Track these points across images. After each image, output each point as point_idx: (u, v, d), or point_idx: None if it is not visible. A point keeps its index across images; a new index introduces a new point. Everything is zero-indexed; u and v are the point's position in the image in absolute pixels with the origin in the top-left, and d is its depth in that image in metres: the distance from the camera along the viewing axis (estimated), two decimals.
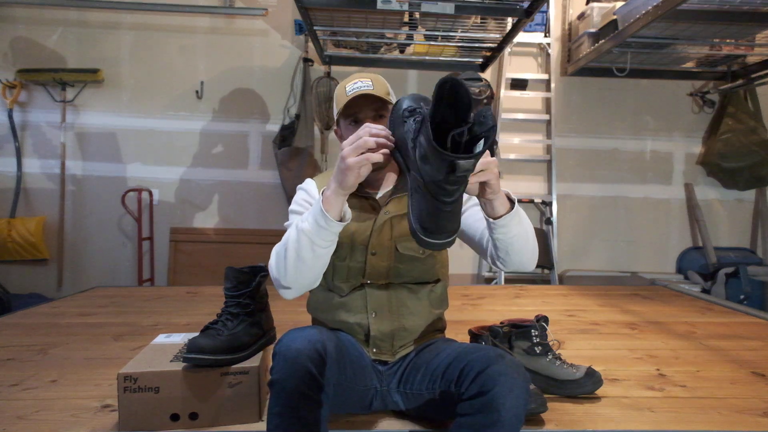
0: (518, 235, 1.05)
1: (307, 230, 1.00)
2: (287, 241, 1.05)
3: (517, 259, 1.09)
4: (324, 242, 1.01)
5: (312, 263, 1.03)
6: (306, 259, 1.02)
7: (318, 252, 1.02)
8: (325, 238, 1.01)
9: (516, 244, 1.06)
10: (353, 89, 1.13)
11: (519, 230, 1.05)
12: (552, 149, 3.66)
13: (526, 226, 1.08)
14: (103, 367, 1.52)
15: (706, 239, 3.59)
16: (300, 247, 1.01)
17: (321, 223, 0.99)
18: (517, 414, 0.88)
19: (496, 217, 1.02)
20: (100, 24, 3.53)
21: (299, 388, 0.89)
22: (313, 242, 1.00)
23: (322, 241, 1.01)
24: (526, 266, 1.12)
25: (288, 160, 3.41)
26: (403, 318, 1.17)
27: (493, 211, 1.02)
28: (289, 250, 1.03)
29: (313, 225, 1.00)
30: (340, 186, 0.97)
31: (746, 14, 2.63)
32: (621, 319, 2.15)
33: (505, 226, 1.02)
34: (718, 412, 1.24)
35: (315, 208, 1.00)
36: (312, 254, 1.02)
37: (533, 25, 3.62)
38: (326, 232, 1.00)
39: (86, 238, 3.56)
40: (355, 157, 0.93)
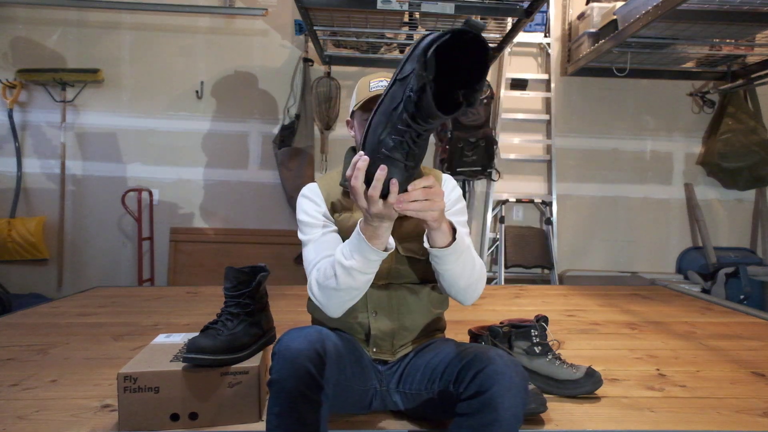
0: (451, 270, 1.04)
1: (358, 266, 0.99)
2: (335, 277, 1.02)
3: (447, 289, 1.11)
4: (374, 269, 1.02)
5: (363, 288, 1.05)
6: (361, 287, 1.04)
7: (370, 278, 1.04)
8: (375, 267, 1.02)
9: (447, 277, 1.06)
10: (378, 87, 1.12)
11: (453, 267, 1.04)
12: (552, 149, 3.66)
13: (466, 266, 1.06)
14: (103, 367, 1.52)
15: (706, 239, 3.59)
16: (354, 281, 1.02)
17: (372, 258, 0.98)
18: (516, 413, 0.88)
19: (432, 246, 1.02)
20: (100, 24, 3.53)
21: (298, 388, 0.89)
22: (365, 273, 1.01)
23: (372, 269, 1.02)
24: (456, 298, 1.13)
25: (288, 160, 3.41)
26: (404, 317, 1.17)
27: (431, 239, 1.02)
28: (341, 285, 1.02)
29: (362, 261, 0.99)
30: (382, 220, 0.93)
31: (746, 14, 2.63)
32: (621, 319, 2.15)
33: (438, 257, 1.03)
34: (718, 412, 1.24)
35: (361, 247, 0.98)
36: (365, 282, 1.04)
37: (533, 25, 3.63)
38: (377, 263, 1.01)
39: (86, 238, 3.56)
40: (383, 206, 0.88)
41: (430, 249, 1.02)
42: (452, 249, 1.01)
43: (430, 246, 1.02)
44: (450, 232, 1.01)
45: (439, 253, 1.01)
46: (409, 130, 0.83)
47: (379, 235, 0.96)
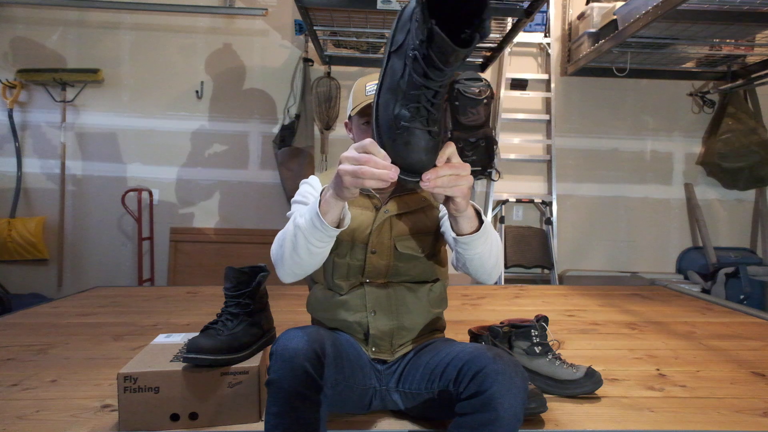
0: (480, 254, 1.04)
1: (304, 228, 1.00)
2: (286, 232, 1.05)
3: (474, 273, 1.10)
4: (319, 243, 1.01)
5: (308, 259, 1.04)
6: (302, 255, 1.02)
7: (313, 250, 1.02)
8: (320, 239, 1.00)
9: (476, 261, 1.05)
10: (373, 89, 1.11)
11: (482, 250, 1.03)
12: (552, 149, 3.66)
13: (492, 246, 1.06)
14: (103, 367, 1.52)
15: (706, 239, 3.59)
16: (296, 243, 1.01)
17: (317, 225, 0.98)
18: (516, 413, 0.88)
19: (460, 234, 1.01)
20: (100, 24, 3.53)
21: (296, 387, 0.89)
22: (309, 241, 1.00)
23: (318, 241, 1.01)
24: (481, 280, 1.12)
25: (288, 160, 3.41)
26: (403, 317, 1.17)
27: (457, 228, 1.00)
28: (287, 243, 1.03)
29: (309, 224, 0.99)
30: (339, 196, 0.94)
31: (746, 14, 2.63)
32: (621, 319, 2.15)
33: (467, 244, 1.01)
34: (718, 412, 1.24)
35: (312, 208, 0.99)
36: (307, 252, 1.02)
37: (533, 25, 3.63)
38: (321, 234, 0.99)
39: (86, 238, 3.56)
40: (351, 179, 0.87)
41: (457, 237, 1.00)
42: (481, 232, 1.00)
43: (456, 234, 1.00)
44: (476, 217, 1.00)
45: (468, 239, 1.00)
46: (423, 91, 0.79)
47: (327, 201, 0.96)
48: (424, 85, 0.78)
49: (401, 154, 0.83)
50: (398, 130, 0.81)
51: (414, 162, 0.83)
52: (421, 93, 0.79)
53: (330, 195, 0.96)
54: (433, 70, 0.76)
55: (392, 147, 0.83)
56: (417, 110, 0.80)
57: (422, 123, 0.81)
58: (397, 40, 0.81)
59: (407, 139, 0.81)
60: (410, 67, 0.78)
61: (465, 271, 1.11)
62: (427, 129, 0.82)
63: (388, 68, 0.84)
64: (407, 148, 0.82)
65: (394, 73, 0.82)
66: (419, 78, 0.78)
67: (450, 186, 0.87)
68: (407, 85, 0.79)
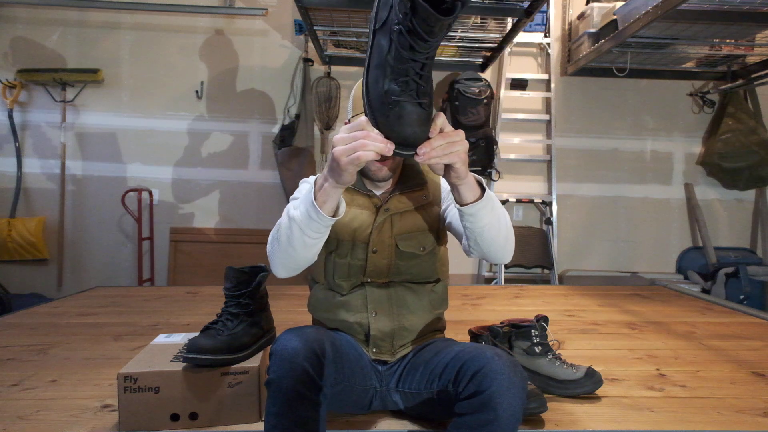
0: (488, 225, 1.02)
1: (298, 220, 0.99)
2: (280, 226, 1.04)
3: (486, 250, 1.07)
4: (315, 233, 1.00)
5: (302, 252, 1.03)
6: (296, 247, 1.02)
7: (308, 242, 1.01)
8: (316, 230, 0.99)
9: (486, 234, 1.03)
10: None
11: (489, 220, 1.01)
12: (552, 149, 3.66)
13: (500, 217, 1.04)
14: (103, 367, 1.52)
15: (706, 239, 3.59)
16: (291, 235, 1.01)
17: (312, 216, 0.97)
18: (515, 412, 0.88)
19: (464, 204, 0.99)
20: (100, 24, 3.53)
21: (296, 387, 0.89)
22: (304, 233, 0.99)
23: (313, 232, 1.00)
24: (496, 258, 1.09)
25: (288, 160, 3.41)
26: (403, 317, 1.17)
27: (460, 198, 0.99)
28: (281, 236, 1.03)
29: (304, 216, 0.98)
30: (336, 182, 0.93)
31: (746, 14, 2.63)
32: (621, 319, 2.15)
33: (472, 215, 1.00)
34: (718, 412, 1.24)
35: (307, 199, 0.98)
36: (302, 243, 1.01)
37: (533, 25, 3.63)
38: (317, 225, 0.98)
39: (86, 238, 3.56)
40: (347, 158, 0.87)
41: (462, 209, 0.99)
42: (485, 200, 0.99)
43: (460, 206, 0.99)
44: (476, 187, 0.99)
45: (472, 209, 0.99)
46: (411, 63, 0.80)
47: (323, 191, 0.95)
48: (411, 58, 0.80)
49: (395, 129, 0.84)
50: (389, 105, 0.83)
51: (408, 135, 0.84)
52: (409, 66, 0.81)
53: (328, 184, 0.95)
54: (418, 41, 0.78)
55: (385, 122, 0.84)
56: (406, 84, 0.82)
57: (412, 96, 0.83)
58: (381, 17, 0.82)
59: (399, 113, 0.83)
60: (396, 42, 0.79)
61: (478, 253, 1.08)
62: (417, 101, 0.83)
63: (374, 46, 0.85)
64: (400, 121, 0.83)
65: (381, 49, 0.82)
66: (406, 51, 0.79)
67: (446, 154, 0.87)
68: (394, 59, 0.81)
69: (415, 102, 0.83)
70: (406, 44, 0.78)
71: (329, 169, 0.92)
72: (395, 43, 0.79)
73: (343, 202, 1.01)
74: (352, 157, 0.86)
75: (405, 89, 0.82)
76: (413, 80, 0.82)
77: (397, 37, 0.79)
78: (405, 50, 0.79)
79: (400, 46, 0.79)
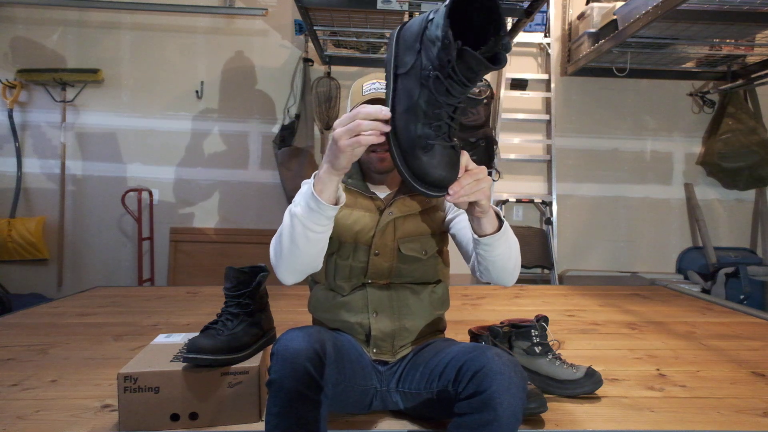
0: (502, 254, 1.05)
1: (300, 214, 0.98)
2: (282, 228, 1.04)
3: (496, 276, 1.10)
4: (317, 227, 0.99)
5: (306, 249, 1.01)
6: (300, 244, 1.00)
7: (312, 237, 1.00)
8: (318, 222, 0.98)
9: (498, 262, 1.06)
10: (370, 90, 1.11)
11: (503, 250, 1.05)
12: (552, 149, 3.66)
13: (512, 245, 1.08)
14: (103, 367, 1.52)
15: (706, 239, 3.59)
16: (294, 233, 0.99)
17: (312, 206, 0.96)
18: (515, 412, 0.88)
19: (482, 235, 1.01)
20: (100, 24, 3.53)
21: (297, 387, 0.89)
22: (306, 227, 0.98)
23: (315, 225, 0.98)
24: (503, 282, 1.13)
25: (288, 160, 3.41)
26: (404, 318, 1.17)
27: (480, 229, 1.01)
28: (284, 235, 1.02)
29: (305, 208, 0.97)
30: (333, 167, 0.93)
31: (746, 14, 2.63)
32: (621, 319, 2.15)
33: (489, 245, 1.02)
34: (718, 412, 1.24)
35: (306, 191, 0.98)
36: (305, 239, 0.99)
37: (533, 25, 3.62)
38: (319, 216, 0.97)
39: (86, 238, 3.56)
40: (347, 140, 0.87)
41: (480, 239, 1.01)
42: (503, 231, 1.01)
43: (478, 236, 1.01)
44: (496, 216, 1.02)
45: (490, 240, 1.01)
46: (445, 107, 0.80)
47: (321, 179, 0.95)
48: (446, 102, 0.80)
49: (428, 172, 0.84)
50: (423, 148, 0.83)
51: (442, 178, 0.85)
52: (443, 110, 0.81)
53: (324, 171, 0.95)
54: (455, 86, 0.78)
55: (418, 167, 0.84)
56: (439, 128, 0.82)
57: (444, 138, 0.83)
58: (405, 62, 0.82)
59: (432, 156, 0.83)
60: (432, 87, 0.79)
61: (486, 277, 1.11)
62: (450, 144, 0.84)
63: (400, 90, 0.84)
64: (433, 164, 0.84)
65: (410, 93, 0.82)
66: (442, 96, 0.79)
67: (473, 192, 0.89)
68: (427, 104, 0.80)
69: (448, 145, 0.84)
70: (442, 89, 0.79)
71: (328, 153, 0.93)
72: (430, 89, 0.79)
73: (343, 194, 1.00)
74: (352, 140, 0.87)
75: (438, 133, 0.82)
76: (446, 123, 0.82)
77: (433, 83, 0.79)
78: (441, 95, 0.79)
79: (436, 91, 0.79)
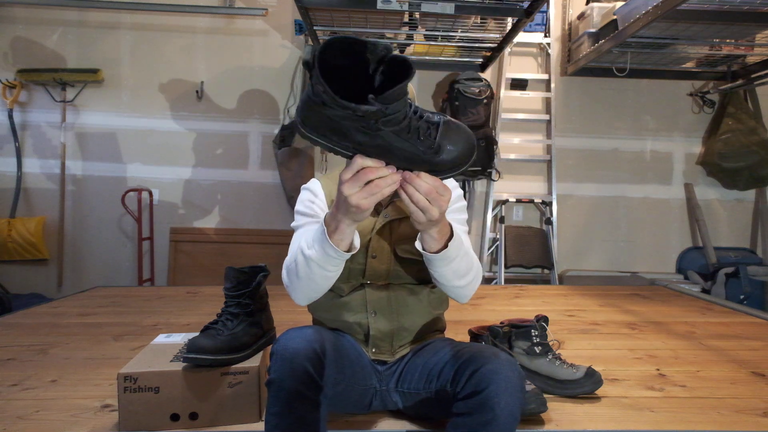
0: (441, 273, 1.03)
1: (316, 259, 0.98)
2: (296, 264, 1.03)
3: (441, 287, 1.10)
4: (334, 268, 1.01)
5: (323, 283, 1.04)
6: (318, 281, 1.02)
7: (329, 275, 1.02)
8: (335, 265, 1.00)
9: (439, 278, 1.05)
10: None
11: (443, 271, 1.02)
12: (552, 149, 3.66)
13: (455, 271, 1.03)
14: (103, 367, 1.52)
15: (706, 239, 3.59)
16: (311, 273, 1.00)
17: (331, 254, 0.96)
18: (513, 412, 0.88)
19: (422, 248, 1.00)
20: (100, 24, 3.53)
21: (297, 387, 0.89)
22: (324, 269, 0.99)
23: (332, 267, 1.00)
24: (454, 298, 1.12)
25: (288, 160, 3.41)
26: (403, 318, 1.17)
27: (421, 241, 0.99)
28: (300, 273, 1.02)
29: (321, 255, 0.97)
30: (353, 221, 0.91)
31: (746, 14, 2.63)
32: (621, 319, 2.15)
33: (428, 260, 1.01)
34: (718, 412, 1.24)
35: (320, 238, 0.96)
36: (323, 277, 1.02)
37: (533, 25, 3.62)
38: (336, 261, 0.98)
39: (86, 238, 3.56)
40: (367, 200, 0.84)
41: (421, 251, 1.00)
42: (441, 256, 0.98)
43: (422, 248, 1.00)
44: (442, 239, 0.97)
45: (430, 257, 1.00)
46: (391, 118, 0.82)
47: (340, 230, 0.93)
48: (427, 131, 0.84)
49: (448, 160, 0.86)
50: (436, 152, 0.85)
51: (456, 156, 0.87)
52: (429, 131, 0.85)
53: (344, 225, 0.92)
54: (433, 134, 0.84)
55: (442, 162, 0.86)
56: (417, 130, 0.85)
57: (427, 130, 0.86)
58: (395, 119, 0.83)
59: (444, 147, 0.86)
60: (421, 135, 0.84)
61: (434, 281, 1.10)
62: (435, 120, 0.86)
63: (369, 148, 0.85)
64: (449, 152, 0.86)
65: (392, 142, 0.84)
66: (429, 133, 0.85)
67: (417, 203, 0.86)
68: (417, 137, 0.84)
69: (435, 121, 0.86)
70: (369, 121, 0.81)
71: (346, 211, 0.88)
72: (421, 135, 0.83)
73: (357, 235, 0.99)
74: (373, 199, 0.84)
75: (425, 138, 0.85)
76: (414, 125, 0.84)
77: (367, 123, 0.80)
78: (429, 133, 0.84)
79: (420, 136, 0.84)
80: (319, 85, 0.77)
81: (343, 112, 0.79)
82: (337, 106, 0.78)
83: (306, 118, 0.84)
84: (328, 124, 0.82)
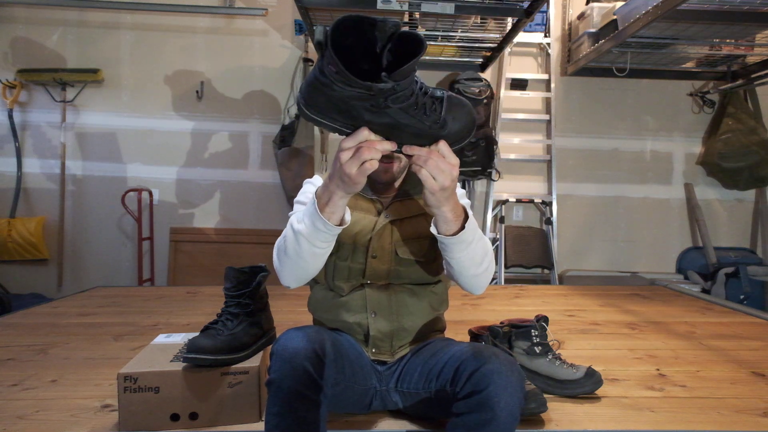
0: (458, 260, 1.03)
1: (305, 233, 0.99)
2: (285, 240, 1.04)
3: (454, 278, 1.10)
4: (323, 243, 1.01)
5: (312, 261, 1.03)
6: (306, 258, 1.02)
7: (317, 252, 1.02)
8: (324, 240, 1.00)
9: (455, 265, 1.05)
10: None
11: (460, 256, 1.02)
12: (552, 149, 3.66)
13: (473, 255, 1.03)
14: (103, 367, 1.51)
15: (706, 239, 3.59)
16: (300, 249, 1.01)
17: (320, 227, 0.97)
18: (512, 412, 0.88)
19: (438, 232, 1.00)
20: (100, 24, 3.53)
21: (297, 387, 0.89)
22: (312, 244, 1.00)
23: (322, 243, 1.00)
24: (469, 289, 1.12)
25: (288, 160, 3.41)
26: (403, 318, 1.17)
27: (437, 225, 1.00)
28: (289, 250, 1.03)
29: (311, 228, 0.98)
30: (346, 192, 0.93)
31: (746, 14, 2.63)
32: (621, 319, 2.15)
33: (444, 244, 1.01)
34: (718, 412, 1.24)
35: (311, 211, 0.98)
36: (311, 254, 1.02)
37: (533, 25, 3.62)
38: (326, 235, 0.99)
39: (86, 238, 3.56)
40: (357, 169, 0.87)
41: (436, 235, 1.01)
42: (458, 239, 0.99)
43: (437, 232, 1.01)
44: (457, 220, 0.99)
45: (446, 241, 1.00)
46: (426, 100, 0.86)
47: (333, 202, 0.94)
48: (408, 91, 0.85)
49: (455, 131, 0.90)
50: (442, 126, 0.89)
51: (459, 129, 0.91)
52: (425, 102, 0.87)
53: (337, 196, 0.94)
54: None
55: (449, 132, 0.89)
56: (424, 105, 0.88)
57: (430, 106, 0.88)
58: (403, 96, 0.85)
59: (447, 123, 0.90)
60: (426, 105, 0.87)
61: (451, 278, 1.11)
62: (437, 95, 0.90)
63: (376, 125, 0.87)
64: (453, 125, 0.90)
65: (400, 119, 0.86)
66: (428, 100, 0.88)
67: (425, 168, 0.89)
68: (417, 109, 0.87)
69: (438, 96, 0.89)
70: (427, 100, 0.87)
71: (339, 181, 0.91)
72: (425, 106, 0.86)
73: (348, 212, 1.01)
74: (363, 168, 0.86)
75: (429, 111, 0.88)
76: (420, 100, 0.86)
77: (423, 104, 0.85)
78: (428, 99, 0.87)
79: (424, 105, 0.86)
80: (331, 65, 0.77)
81: (353, 92, 0.79)
82: (348, 86, 0.78)
83: (310, 100, 0.83)
84: (336, 104, 0.82)
